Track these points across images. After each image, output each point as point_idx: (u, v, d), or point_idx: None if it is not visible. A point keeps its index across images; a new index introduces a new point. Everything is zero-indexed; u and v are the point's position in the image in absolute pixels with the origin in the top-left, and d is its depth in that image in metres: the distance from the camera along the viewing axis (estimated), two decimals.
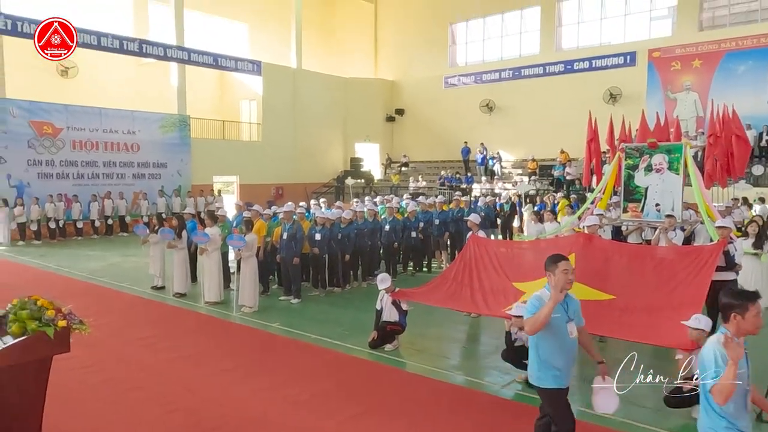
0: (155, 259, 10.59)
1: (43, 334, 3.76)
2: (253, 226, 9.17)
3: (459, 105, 26.44)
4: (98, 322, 5.20)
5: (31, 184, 18.12)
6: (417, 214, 12.37)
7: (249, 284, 8.85)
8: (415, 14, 28.15)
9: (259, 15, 27.30)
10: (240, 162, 24.35)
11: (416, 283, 11.17)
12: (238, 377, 6.10)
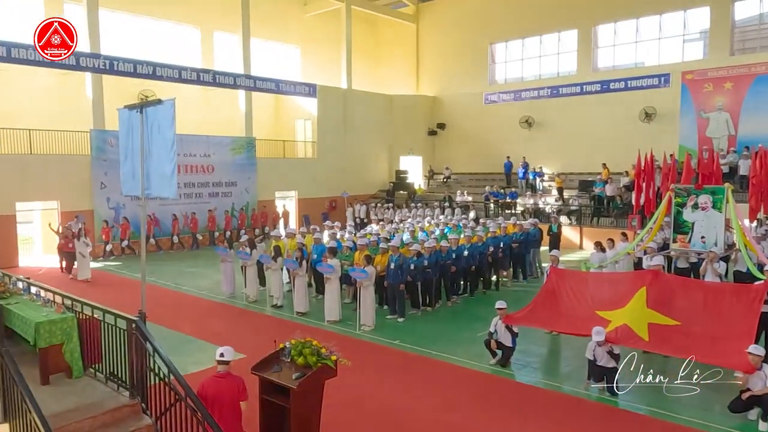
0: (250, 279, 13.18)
1: (326, 366, 5.75)
2: (372, 260, 11.14)
3: (499, 120, 28.23)
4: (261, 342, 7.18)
5: (126, 205, 20.36)
6: (487, 239, 14.26)
7: (368, 307, 10.85)
8: (456, 35, 29.95)
9: (310, 39, 29.33)
10: (298, 178, 26.49)
11: (488, 300, 13.16)
12: (398, 385, 8.08)
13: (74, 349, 6.38)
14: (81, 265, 15.57)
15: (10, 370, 4.88)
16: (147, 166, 7.16)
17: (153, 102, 6.93)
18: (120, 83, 20.79)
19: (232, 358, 5.43)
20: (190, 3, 24.48)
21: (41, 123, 19.05)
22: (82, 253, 15.56)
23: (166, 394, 5.67)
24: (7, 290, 7.47)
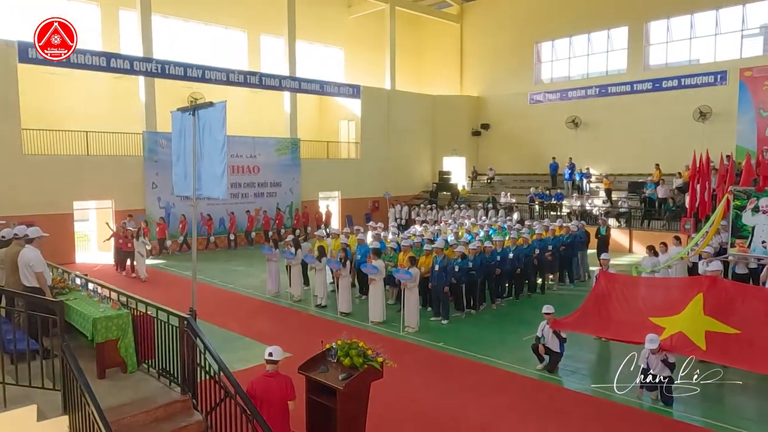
0: (294, 279, 13.41)
1: (373, 368, 5.75)
2: (416, 262, 11.10)
3: (544, 120, 27.71)
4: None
5: (176, 205, 20.94)
6: (533, 241, 14.01)
7: (413, 308, 10.81)
8: (500, 34, 29.57)
9: (354, 40, 29.51)
10: (341, 178, 26.69)
11: (533, 304, 12.94)
12: (443, 388, 8.01)
13: (129, 344, 6.58)
14: (139, 265, 15.91)
15: (71, 364, 5.06)
16: (198, 167, 7.32)
17: (205, 104, 7.09)
18: (170, 86, 21.41)
19: (281, 357, 5.48)
20: (238, 7, 25.00)
21: (97, 125, 19.81)
22: (140, 253, 15.89)
23: (215, 390, 5.78)
24: (66, 286, 7.78)
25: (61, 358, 5.32)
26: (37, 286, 6.80)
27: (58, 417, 5.32)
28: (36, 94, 18.94)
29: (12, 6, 19.81)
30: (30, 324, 5.88)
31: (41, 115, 18.91)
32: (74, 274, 8.51)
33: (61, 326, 5.43)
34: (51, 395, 5.43)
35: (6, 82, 17.01)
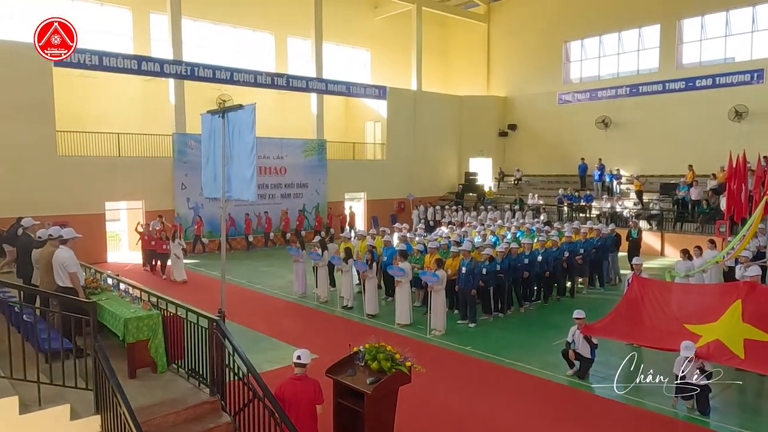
0: (321, 280, 13.49)
1: (401, 372, 5.69)
2: (443, 264, 11.01)
3: (573, 120, 27.29)
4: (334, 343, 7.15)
5: (204, 205, 21.20)
6: (562, 244, 13.77)
7: (439, 311, 10.73)
8: (528, 33, 29.23)
9: (380, 41, 29.50)
10: (367, 179, 26.70)
11: (563, 308, 12.73)
12: (471, 393, 7.92)
13: (159, 345, 6.65)
14: (176, 267, 15.77)
15: (103, 364, 5.13)
16: (228, 169, 7.36)
17: (234, 107, 7.12)
18: (199, 88, 21.70)
19: (309, 360, 5.46)
20: (266, 10, 25.20)
21: (128, 127, 20.19)
22: (177, 255, 15.73)
23: (244, 392, 5.79)
24: (98, 286, 7.90)
25: (94, 358, 5.39)
26: (70, 286, 6.92)
27: (90, 416, 5.39)
28: (70, 97, 19.37)
29: (46, 11, 20.30)
30: (64, 323, 5.98)
31: (75, 117, 19.33)
32: (106, 274, 8.65)
33: (94, 326, 5.50)
34: (84, 395, 5.50)
35: (42, 85, 17.43)
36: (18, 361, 5.23)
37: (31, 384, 5.24)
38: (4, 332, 5.65)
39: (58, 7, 20.43)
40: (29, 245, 8.58)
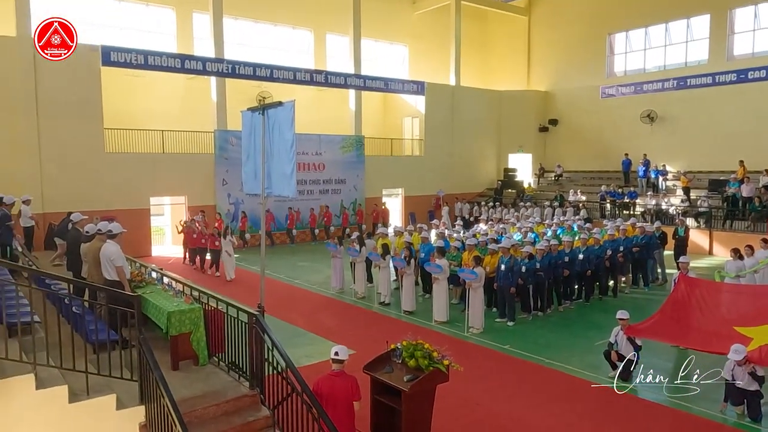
0: (358, 276, 13.50)
1: (438, 370, 5.65)
2: (482, 261, 10.89)
3: (617, 115, 26.58)
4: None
5: (244, 201, 21.55)
6: (604, 242, 13.43)
7: (477, 309, 10.61)
8: (570, 26, 28.57)
9: (419, 37, 29.33)
10: (404, 175, 26.67)
11: (604, 307, 12.43)
12: (509, 393, 7.81)
13: (200, 338, 6.79)
14: (227, 264, 15.46)
15: (147, 357, 5.26)
16: (268, 165, 7.43)
17: (274, 104, 7.18)
18: (240, 85, 22.04)
19: (347, 357, 5.47)
20: (305, 7, 25.38)
21: (171, 124, 20.68)
22: (228, 252, 15.44)
23: (282, 386, 5.85)
24: (143, 279, 8.13)
25: (139, 350, 5.55)
26: (117, 279, 7.13)
27: (135, 407, 5.55)
28: (117, 96, 19.94)
29: (94, 12, 20.96)
30: (110, 316, 6.16)
31: (121, 115, 19.90)
32: (150, 268, 8.88)
33: (139, 319, 5.65)
34: (129, 385, 5.66)
35: (90, 84, 18.02)
36: (68, 351, 5.42)
37: (79, 374, 5.43)
38: (55, 323, 5.87)
39: (106, 9, 21.08)
40: (78, 239, 8.89)
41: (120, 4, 21.47)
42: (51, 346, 5.63)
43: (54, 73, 17.27)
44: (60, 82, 17.43)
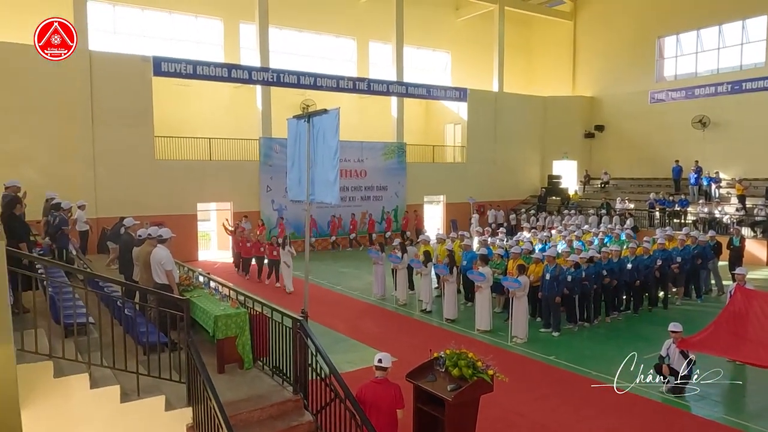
0: (400, 283, 13.47)
1: (483, 380, 5.57)
2: (526, 270, 10.72)
3: (667, 120, 25.77)
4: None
5: (287, 207, 21.85)
6: (654, 251, 13.01)
7: (521, 318, 10.43)
8: (618, 30, 27.91)
9: (461, 43, 29.23)
10: (446, 182, 26.52)
11: (654, 319, 12.02)
12: (555, 405, 7.63)
13: (246, 342, 6.89)
14: (286, 275, 14.84)
15: (195, 360, 5.38)
16: (312, 172, 7.53)
17: (319, 112, 7.28)
18: (284, 94, 22.43)
19: (390, 364, 5.45)
20: (349, 16, 25.67)
21: (218, 132, 21.20)
22: (287, 263, 14.79)
23: (325, 392, 5.88)
24: (191, 283, 8.33)
25: (187, 353, 5.67)
26: (166, 283, 7.33)
27: (183, 408, 5.67)
28: (166, 104, 20.59)
29: (147, 25, 21.74)
30: (160, 318, 6.33)
31: (170, 123, 20.53)
32: (198, 272, 9.09)
33: (187, 323, 5.78)
34: (177, 387, 5.79)
35: (142, 93, 18.67)
36: (120, 352, 5.60)
37: (130, 374, 5.59)
38: (108, 325, 6.06)
39: (158, 21, 21.84)
40: (130, 243, 9.19)
41: (171, 16, 22.20)
42: (104, 346, 5.82)
43: (108, 84, 17.98)
44: (114, 92, 18.13)
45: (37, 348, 5.23)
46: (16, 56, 16.23)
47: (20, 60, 16.33)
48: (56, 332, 5.72)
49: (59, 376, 5.29)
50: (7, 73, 16.45)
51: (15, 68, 16.51)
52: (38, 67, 16.82)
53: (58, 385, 5.27)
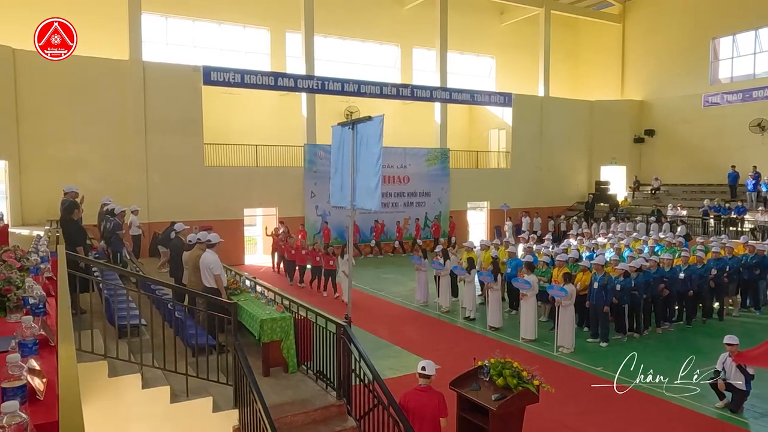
0: (443, 289, 13.26)
1: (528, 390, 5.48)
2: (572, 278, 10.49)
3: (721, 124, 24.79)
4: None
5: (331, 213, 22.07)
6: (708, 260, 12.51)
7: (568, 327, 10.20)
8: (669, 31, 27.07)
9: (506, 48, 28.92)
10: (490, 188, 26.23)
11: (708, 331, 11.56)
12: (603, 420, 7.42)
13: (290, 346, 6.99)
14: (344, 285, 13.48)
15: (242, 363, 5.49)
16: (354, 179, 7.58)
17: (363, 118, 7.33)
18: (328, 101, 22.72)
19: (433, 372, 5.42)
20: (392, 23, 25.80)
21: (264, 139, 21.62)
22: (345, 272, 13.32)
23: (367, 397, 5.89)
24: (238, 287, 8.51)
25: (234, 356, 5.79)
26: (215, 286, 7.51)
27: (229, 410, 5.79)
28: (215, 112, 21.16)
29: (196, 35, 22.43)
30: (208, 321, 6.49)
31: (218, 130, 21.08)
32: (245, 276, 9.28)
33: (235, 325, 5.92)
34: (224, 389, 5.92)
35: (192, 102, 19.26)
36: (170, 354, 5.77)
37: (180, 376, 5.75)
38: (158, 327, 6.26)
39: (207, 31, 22.49)
40: (180, 248, 9.46)
41: (220, 26, 22.83)
42: (155, 348, 6.01)
43: (161, 93, 18.63)
44: (166, 101, 18.76)
45: (93, 348, 5.44)
46: (74, 69, 17.00)
47: (78, 72, 17.12)
48: (110, 333, 5.94)
49: (113, 376, 5.49)
50: (66, 85, 17.26)
51: (74, 80, 17.31)
52: (96, 78, 17.70)
53: (113, 385, 5.47)
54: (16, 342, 1.94)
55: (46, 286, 3.59)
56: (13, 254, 3.77)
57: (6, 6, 18.17)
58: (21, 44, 16.08)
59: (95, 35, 18.78)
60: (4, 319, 2.69)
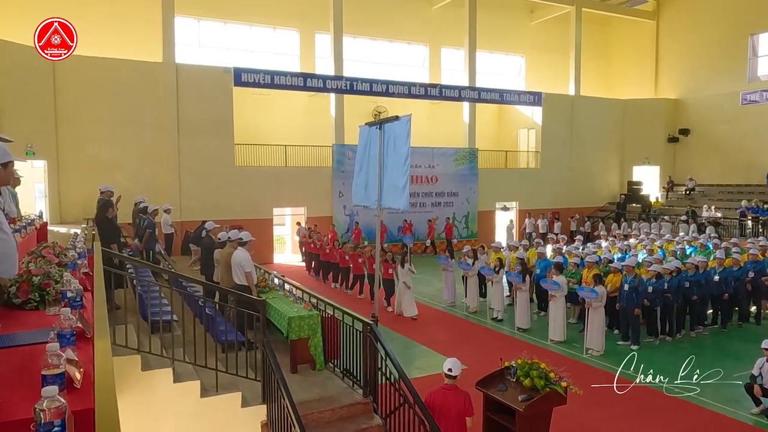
0: (471, 290, 13.23)
1: (555, 392, 5.43)
2: (603, 280, 10.34)
3: (760, 123, 24.07)
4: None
5: (359, 213, 22.16)
6: (745, 263, 12.18)
7: (597, 330, 10.05)
8: (705, 27, 26.38)
9: (536, 46, 28.59)
10: (519, 188, 26.00)
11: (744, 335, 11.25)
12: (632, 425, 7.29)
13: (317, 344, 7.06)
14: (405, 298, 12.75)
15: (270, 359, 5.57)
16: (381, 178, 7.62)
17: (391, 118, 7.37)
18: (356, 101, 22.83)
19: (459, 372, 5.42)
20: (421, 23, 25.78)
21: (293, 139, 21.86)
22: (406, 284, 12.72)
23: (393, 396, 5.91)
24: (267, 285, 8.64)
25: (263, 352, 5.89)
26: (245, 284, 7.64)
27: (258, 405, 5.89)
28: (245, 113, 21.47)
29: (227, 37, 22.79)
30: (238, 318, 6.61)
31: (249, 131, 21.39)
32: (273, 274, 9.41)
33: (263, 323, 6.01)
34: (253, 385, 6.03)
35: (223, 103, 19.59)
36: (200, 349, 5.89)
37: (210, 371, 5.87)
38: (189, 323, 6.40)
39: (238, 33, 22.84)
40: (211, 246, 9.64)
41: (251, 29, 23.16)
42: (186, 343, 6.15)
43: (193, 94, 19.00)
44: (198, 102, 19.12)
45: (126, 342, 5.60)
46: (110, 72, 17.48)
47: (114, 75, 17.62)
48: (143, 328, 6.10)
49: (146, 370, 5.63)
50: (102, 87, 17.74)
51: (109, 83, 17.79)
52: (131, 81, 18.14)
53: (145, 378, 5.62)
54: (54, 333, 2.03)
55: (83, 281, 3.72)
56: (52, 250, 3.92)
57: (45, 12, 18.72)
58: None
59: (130, 39, 19.31)
60: (44, 312, 2.81)
